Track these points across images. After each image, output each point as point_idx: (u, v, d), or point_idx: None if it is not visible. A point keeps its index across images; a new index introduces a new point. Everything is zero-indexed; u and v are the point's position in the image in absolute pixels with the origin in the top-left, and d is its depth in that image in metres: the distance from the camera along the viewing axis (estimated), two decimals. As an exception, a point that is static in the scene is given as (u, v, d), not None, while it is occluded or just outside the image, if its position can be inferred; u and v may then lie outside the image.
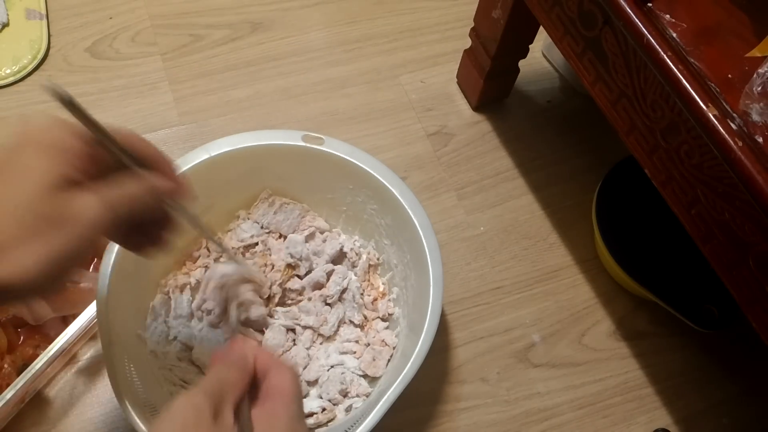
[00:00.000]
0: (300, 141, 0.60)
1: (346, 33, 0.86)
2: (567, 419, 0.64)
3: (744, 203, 0.43)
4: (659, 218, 0.66)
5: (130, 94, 0.79)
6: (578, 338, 0.68)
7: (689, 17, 0.48)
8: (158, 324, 0.59)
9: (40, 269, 0.32)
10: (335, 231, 0.67)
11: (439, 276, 0.55)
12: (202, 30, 0.84)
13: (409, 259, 0.60)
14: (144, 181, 0.38)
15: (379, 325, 0.62)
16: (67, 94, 0.34)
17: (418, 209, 0.58)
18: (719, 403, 0.67)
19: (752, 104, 0.43)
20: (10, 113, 0.76)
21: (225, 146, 0.59)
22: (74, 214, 0.33)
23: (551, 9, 0.57)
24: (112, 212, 0.35)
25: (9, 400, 0.53)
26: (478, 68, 0.76)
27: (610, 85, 0.53)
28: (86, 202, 0.34)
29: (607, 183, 0.70)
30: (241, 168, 0.62)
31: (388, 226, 0.62)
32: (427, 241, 0.57)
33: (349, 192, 0.63)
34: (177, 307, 0.60)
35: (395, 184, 0.59)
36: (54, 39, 0.81)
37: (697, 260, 0.55)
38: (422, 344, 0.53)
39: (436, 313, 0.54)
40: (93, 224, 0.34)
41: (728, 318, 0.64)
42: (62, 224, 0.33)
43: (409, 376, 0.51)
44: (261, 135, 0.60)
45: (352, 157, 0.60)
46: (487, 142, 0.79)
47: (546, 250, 0.73)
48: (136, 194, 0.37)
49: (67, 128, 0.35)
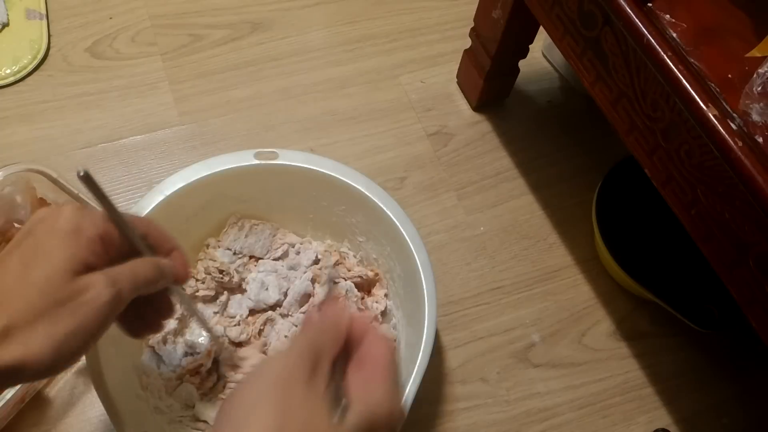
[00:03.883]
0: (253, 160, 0.59)
1: (346, 33, 0.86)
2: (567, 419, 0.64)
3: (744, 203, 0.43)
4: (659, 218, 0.66)
5: (130, 94, 0.79)
6: (578, 338, 0.68)
7: (689, 17, 0.48)
8: (154, 379, 0.57)
9: (51, 351, 0.34)
10: (306, 240, 0.66)
11: (426, 261, 0.55)
12: (202, 30, 0.84)
13: (390, 251, 0.59)
14: (148, 260, 0.40)
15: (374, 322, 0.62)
16: (96, 180, 0.37)
17: (388, 201, 0.57)
18: (719, 403, 0.67)
19: (752, 104, 0.43)
20: (10, 113, 0.76)
21: (179, 182, 0.57)
22: (81, 294, 0.35)
23: (551, 9, 0.57)
24: (115, 288, 0.36)
25: (9, 400, 0.53)
26: (478, 68, 0.76)
27: (610, 85, 0.53)
28: (92, 281, 0.36)
29: (607, 183, 0.70)
30: (200, 200, 0.60)
31: (360, 222, 0.61)
32: (405, 230, 0.56)
33: (313, 198, 0.62)
34: (168, 359, 0.58)
35: (360, 181, 0.58)
36: (54, 39, 0.81)
37: (697, 260, 0.55)
38: (427, 331, 0.52)
39: (432, 297, 0.53)
40: (98, 302, 0.35)
41: (728, 318, 0.64)
42: (70, 306, 0.35)
43: (422, 367, 0.51)
44: (212, 162, 0.58)
45: (310, 164, 0.59)
46: (487, 142, 0.79)
47: (546, 250, 0.73)
48: (139, 272, 0.39)
49: (87, 215, 0.37)
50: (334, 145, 0.77)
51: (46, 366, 0.34)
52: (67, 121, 0.76)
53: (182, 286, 0.45)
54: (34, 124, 0.75)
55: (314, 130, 0.78)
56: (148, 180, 0.73)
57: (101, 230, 0.37)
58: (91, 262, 0.36)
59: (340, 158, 0.75)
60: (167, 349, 0.58)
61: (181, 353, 0.59)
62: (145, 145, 0.75)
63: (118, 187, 0.72)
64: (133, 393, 0.55)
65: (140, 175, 0.73)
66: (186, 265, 0.43)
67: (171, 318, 0.46)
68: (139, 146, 0.75)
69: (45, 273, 0.34)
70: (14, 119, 0.75)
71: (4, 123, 0.75)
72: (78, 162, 0.73)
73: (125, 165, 0.74)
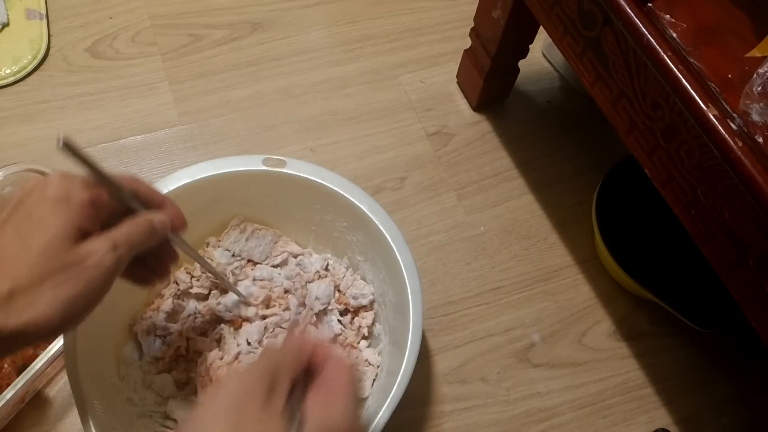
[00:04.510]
0: (261, 165, 0.58)
1: (346, 33, 0.86)
2: (567, 419, 0.64)
3: (744, 203, 0.43)
4: (659, 218, 0.66)
5: (130, 94, 0.79)
6: (578, 338, 0.68)
7: (689, 17, 0.48)
8: (133, 370, 0.57)
9: (55, 313, 0.35)
10: (307, 251, 0.65)
11: (417, 290, 0.55)
12: (202, 30, 0.84)
13: (385, 275, 0.59)
14: (142, 219, 0.41)
15: (361, 344, 0.61)
16: (78, 147, 0.37)
17: (388, 224, 0.57)
18: (719, 403, 0.67)
19: (752, 104, 0.43)
20: (10, 113, 0.76)
21: (184, 178, 0.57)
22: (85, 260, 0.37)
23: (551, 9, 0.57)
24: (116, 252, 0.38)
25: (9, 400, 0.54)
26: (478, 68, 0.76)
27: (610, 85, 0.53)
28: (94, 248, 0.37)
29: (607, 183, 0.70)
30: (203, 199, 0.60)
31: (360, 242, 0.61)
32: (401, 256, 0.56)
33: (317, 211, 0.62)
34: (148, 352, 0.58)
35: (363, 200, 0.58)
36: (54, 39, 0.81)
37: (697, 260, 0.55)
38: (407, 363, 0.52)
39: (417, 330, 0.53)
40: (102, 268, 0.37)
41: (728, 318, 0.64)
42: (74, 271, 0.36)
43: (396, 398, 0.50)
44: (220, 163, 0.58)
45: (317, 176, 0.59)
46: (487, 142, 0.79)
47: (546, 250, 0.73)
48: (135, 232, 0.40)
49: (75, 182, 0.38)
50: (334, 145, 0.77)
51: (53, 327, 0.35)
52: (67, 121, 0.76)
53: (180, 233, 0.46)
54: (34, 124, 0.75)
55: (314, 130, 0.78)
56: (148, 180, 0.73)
57: (91, 195, 0.38)
58: (85, 227, 0.38)
59: (340, 158, 0.76)
60: (149, 339, 0.58)
61: (159, 343, 0.59)
62: (145, 145, 0.75)
63: (118, 187, 0.72)
64: (108, 382, 0.55)
65: (140, 175, 0.73)
66: (180, 214, 0.45)
67: (175, 264, 0.47)
68: (139, 146, 0.75)
69: (43, 240, 0.36)
70: (14, 119, 0.75)
71: (4, 123, 0.75)
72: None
73: (125, 165, 0.74)
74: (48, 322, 0.35)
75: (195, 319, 0.60)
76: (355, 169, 0.75)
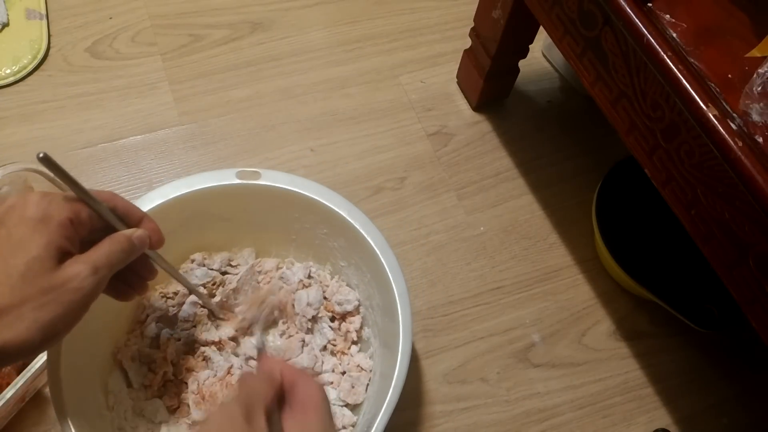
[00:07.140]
0: (235, 179, 0.57)
1: (346, 33, 0.86)
2: (567, 419, 0.64)
3: (744, 203, 0.43)
4: (659, 218, 0.66)
5: (130, 94, 0.79)
6: (578, 338, 0.68)
7: (689, 17, 0.48)
8: (122, 399, 0.56)
9: (35, 335, 0.36)
10: (288, 260, 0.65)
11: (404, 291, 0.54)
12: (202, 30, 0.84)
13: (370, 278, 0.59)
14: (121, 236, 0.42)
15: (352, 349, 0.61)
16: (56, 162, 0.38)
17: (370, 228, 0.57)
18: (719, 403, 0.67)
19: (752, 104, 0.43)
20: (10, 113, 0.76)
21: (157, 199, 0.56)
22: (65, 284, 0.37)
23: (551, 9, 0.57)
24: (96, 276, 0.39)
25: (9, 400, 0.54)
26: (478, 68, 0.76)
27: (610, 85, 0.53)
28: (75, 272, 0.38)
29: (607, 183, 0.70)
30: (179, 217, 0.58)
31: (341, 247, 0.61)
32: (385, 259, 0.55)
33: (296, 220, 0.61)
34: (135, 379, 0.57)
35: (342, 206, 0.57)
36: (54, 39, 0.81)
37: (697, 260, 0.55)
38: (400, 366, 0.51)
39: (408, 330, 0.53)
40: (82, 291, 0.38)
41: (728, 318, 0.64)
42: (55, 294, 0.37)
43: (393, 401, 0.50)
44: (193, 180, 0.57)
45: (293, 186, 0.58)
46: (487, 142, 0.79)
47: (546, 250, 0.73)
48: (115, 251, 0.41)
49: (54, 200, 0.39)
50: (334, 145, 0.77)
51: (33, 348, 0.36)
52: (67, 121, 0.76)
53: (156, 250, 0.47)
54: (34, 124, 0.75)
55: (314, 130, 0.78)
56: (148, 180, 0.73)
57: (70, 213, 0.39)
58: (65, 247, 0.38)
59: (340, 158, 0.76)
60: (134, 366, 0.58)
61: (145, 369, 0.58)
62: (145, 145, 0.75)
63: (118, 187, 0.72)
64: (96, 412, 0.54)
65: (140, 175, 0.73)
66: (157, 230, 0.46)
67: (153, 279, 0.48)
68: (139, 146, 0.75)
69: (23, 262, 0.36)
70: (14, 119, 0.75)
71: (4, 123, 0.75)
72: (79, 162, 0.73)
73: (125, 165, 0.74)
74: (28, 344, 0.36)
75: (178, 341, 0.59)
76: (355, 169, 0.76)
